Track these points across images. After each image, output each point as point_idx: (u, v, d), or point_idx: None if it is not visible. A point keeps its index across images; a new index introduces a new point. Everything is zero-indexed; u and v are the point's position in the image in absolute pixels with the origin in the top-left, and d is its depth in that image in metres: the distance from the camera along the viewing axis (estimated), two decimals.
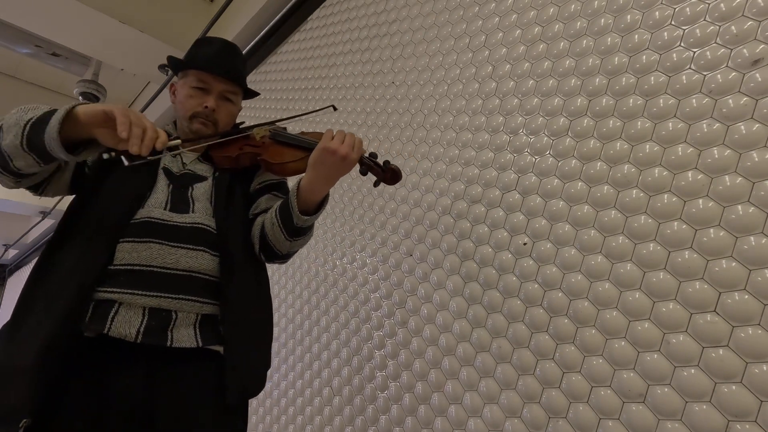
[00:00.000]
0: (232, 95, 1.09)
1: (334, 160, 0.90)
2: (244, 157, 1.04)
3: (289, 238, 0.97)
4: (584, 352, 0.95)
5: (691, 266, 0.85)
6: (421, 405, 1.21)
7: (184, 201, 0.96)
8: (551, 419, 0.96)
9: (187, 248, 0.91)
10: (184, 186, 0.99)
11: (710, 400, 0.78)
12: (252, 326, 0.96)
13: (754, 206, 0.81)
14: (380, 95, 1.72)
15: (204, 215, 0.96)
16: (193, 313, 0.89)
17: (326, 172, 0.92)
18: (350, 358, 1.47)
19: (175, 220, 0.92)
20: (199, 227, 0.94)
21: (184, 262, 0.89)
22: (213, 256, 0.93)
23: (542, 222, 1.10)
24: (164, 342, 0.84)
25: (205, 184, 1.02)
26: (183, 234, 0.91)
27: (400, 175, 1.02)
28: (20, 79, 3.67)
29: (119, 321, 0.82)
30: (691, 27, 0.98)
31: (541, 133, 1.18)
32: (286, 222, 0.95)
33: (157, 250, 0.88)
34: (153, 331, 0.83)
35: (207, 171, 1.05)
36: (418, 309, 1.31)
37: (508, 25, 1.35)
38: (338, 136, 0.92)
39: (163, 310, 0.86)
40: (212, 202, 0.99)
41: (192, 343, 0.87)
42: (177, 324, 0.86)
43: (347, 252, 1.63)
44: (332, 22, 2.13)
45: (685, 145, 0.92)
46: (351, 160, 0.91)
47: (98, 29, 2.54)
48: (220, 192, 1.01)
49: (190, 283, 0.89)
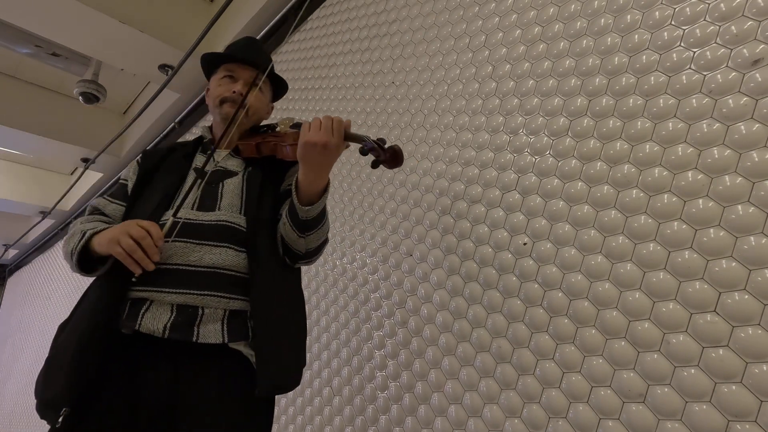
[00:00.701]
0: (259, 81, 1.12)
1: (316, 150, 0.90)
2: (265, 145, 1.07)
3: (300, 234, 0.98)
4: (584, 352, 0.95)
5: (691, 266, 0.85)
6: (421, 405, 1.21)
7: (212, 197, 1.00)
8: (551, 419, 0.96)
9: (210, 245, 0.94)
10: (215, 182, 1.03)
11: (710, 400, 0.78)
12: (282, 321, 0.96)
13: (754, 206, 0.81)
14: (380, 95, 1.72)
15: (230, 212, 0.99)
16: (220, 309, 0.91)
17: (314, 163, 0.92)
18: (350, 358, 1.47)
19: (201, 219, 0.96)
20: (223, 224, 0.97)
21: (208, 258, 0.93)
22: (238, 252, 0.96)
23: (542, 222, 1.10)
24: (190, 337, 0.87)
25: (236, 179, 1.05)
26: (207, 231, 0.95)
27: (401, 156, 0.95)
28: (20, 79, 3.67)
29: (149, 317, 0.87)
30: (691, 27, 0.98)
31: (541, 133, 1.18)
32: (294, 219, 0.97)
33: (181, 248, 0.92)
34: (179, 327, 0.87)
35: (238, 166, 1.08)
36: (418, 309, 1.31)
37: (508, 25, 1.35)
38: (314, 125, 0.91)
39: (189, 306, 0.89)
40: (242, 198, 1.02)
41: (218, 339, 0.88)
42: (204, 320, 0.89)
43: (347, 252, 1.63)
44: (332, 22, 2.13)
45: (685, 145, 0.92)
46: (333, 145, 0.90)
47: (98, 29, 2.53)
48: (252, 188, 1.04)
49: (215, 279, 0.92)
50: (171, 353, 0.89)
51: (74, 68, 3.24)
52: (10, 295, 6.91)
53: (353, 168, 1.73)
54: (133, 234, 0.87)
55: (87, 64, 3.23)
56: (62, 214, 5.04)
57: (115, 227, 0.91)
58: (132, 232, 0.87)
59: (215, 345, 0.89)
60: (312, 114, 2.07)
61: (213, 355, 0.90)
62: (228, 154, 1.10)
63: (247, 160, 1.09)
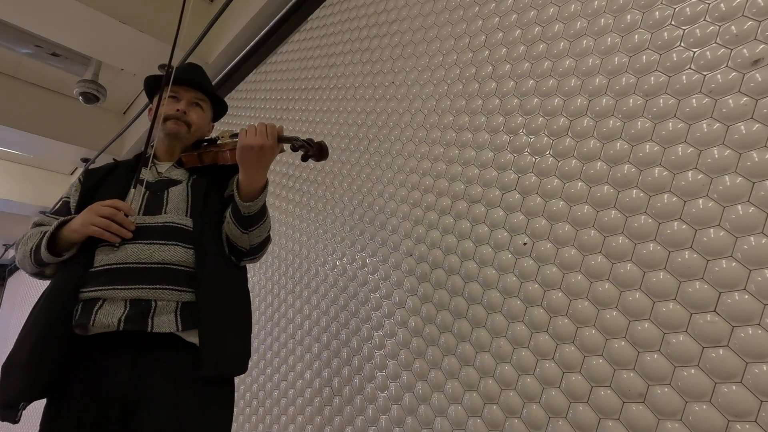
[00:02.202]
0: (201, 102, 1.24)
1: (254, 152, 1.00)
2: (206, 155, 1.17)
3: (243, 230, 1.05)
4: (584, 352, 0.95)
5: (691, 266, 0.85)
6: (421, 405, 1.21)
7: (157, 204, 1.07)
8: (551, 419, 0.96)
9: (159, 243, 0.99)
10: (160, 190, 1.09)
11: (710, 400, 0.78)
12: (226, 312, 1.01)
13: (754, 206, 0.81)
14: (380, 95, 1.72)
15: (176, 215, 1.06)
16: (173, 301, 0.96)
17: (252, 164, 1.02)
18: (350, 358, 1.47)
19: (148, 222, 1.02)
20: (171, 225, 1.03)
21: (158, 255, 0.98)
22: (186, 249, 1.02)
23: (542, 222, 1.10)
24: (145, 327, 0.91)
25: (179, 187, 1.12)
26: (155, 232, 1.01)
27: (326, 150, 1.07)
28: (20, 79, 3.67)
29: (102, 314, 0.91)
30: (691, 27, 0.98)
31: (541, 133, 1.18)
32: (236, 215, 1.04)
33: (131, 249, 0.98)
34: (133, 318, 0.91)
35: (182, 175, 1.15)
36: (418, 309, 1.31)
37: (508, 25, 1.35)
38: (250, 130, 1.02)
39: (142, 300, 0.94)
40: (188, 203, 1.09)
41: (171, 328, 0.93)
42: (157, 311, 0.94)
43: (347, 252, 1.63)
44: (332, 22, 2.13)
45: (685, 145, 0.92)
46: (268, 146, 1.01)
47: (98, 29, 2.53)
48: (197, 194, 1.11)
49: (166, 274, 0.97)
50: (128, 348, 0.93)
51: (74, 68, 3.25)
52: (10, 295, 6.91)
53: (353, 168, 1.73)
54: (104, 213, 0.96)
55: (87, 64, 3.23)
56: None
57: (81, 214, 0.98)
58: (102, 212, 0.96)
59: (170, 338, 0.94)
60: (312, 114, 2.07)
61: (169, 348, 0.94)
62: (171, 166, 1.17)
63: (191, 169, 1.17)
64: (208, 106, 1.27)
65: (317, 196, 1.86)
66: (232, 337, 0.99)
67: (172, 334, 0.94)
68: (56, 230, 0.99)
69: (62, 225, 1.00)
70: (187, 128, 1.19)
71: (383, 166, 1.61)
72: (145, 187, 1.09)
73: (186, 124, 1.18)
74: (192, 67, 1.28)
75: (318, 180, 1.89)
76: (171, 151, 1.19)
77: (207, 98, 1.27)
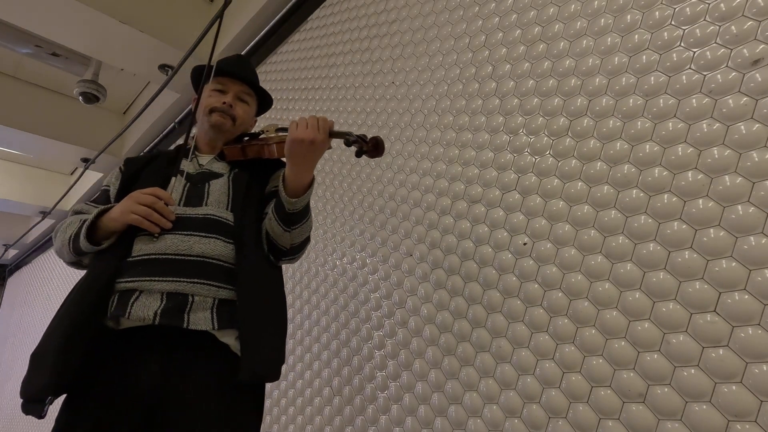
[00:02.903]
0: (246, 96, 1.22)
1: (304, 146, 0.95)
2: (250, 148, 1.14)
3: (285, 228, 1.01)
4: (584, 352, 0.95)
5: (691, 266, 0.85)
6: (421, 405, 1.21)
7: (198, 196, 1.04)
8: (551, 419, 0.96)
9: (199, 236, 0.97)
10: (200, 182, 1.07)
11: (710, 400, 0.78)
12: (266, 313, 0.98)
13: (754, 206, 0.81)
14: (380, 95, 1.72)
15: (217, 208, 1.03)
16: (209, 297, 0.93)
17: (301, 158, 0.97)
18: (350, 358, 1.47)
19: (188, 213, 1.00)
20: (211, 218, 1.00)
21: (197, 248, 0.95)
22: (226, 243, 0.99)
23: (542, 222, 1.10)
24: (180, 323, 0.88)
25: (221, 180, 1.09)
26: (195, 224, 0.98)
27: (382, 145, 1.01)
28: (20, 79, 3.67)
29: (138, 306, 0.88)
30: (691, 27, 0.98)
31: (541, 133, 1.18)
32: (280, 212, 1.00)
33: (170, 239, 0.95)
34: (170, 312, 0.88)
35: (223, 168, 1.13)
36: (418, 309, 1.31)
37: (508, 25, 1.35)
38: (301, 123, 0.97)
39: (179, 293, 0.91)
40: (229, 197, 1.06)
41: (208, 326, 0.90)
42: (194, 307, 0.90)
43: (347, 252, 1.63)
44: (332, 22, 2.13)
45: (685, 145, 0.92)
46: (319, 141, 0.96)
47: (98, 29, 2.53)
48: (238, 188, 1.08)
49: (204, 268, 0.94)
50: (162, 344, 0.90)
51: (74, 68, 3.24)
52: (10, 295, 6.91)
53: (353, 168, 1.73)
54: (144, 201, 0.94)
55: (87, 64, 3.23)
56: (62, 214, 5.04)
57: (120, 203, 0.96)
58: (142, 200, 0.94)
59: (205, 337, 0.91)
60: (312, 114, 2.06)
61: (203, 348, 0.91)
62: (213, 158, 1.15)
63: (233, 163, 1.15)
64: (253, 100, 1.25)
65: (317, 196, 1.86)
66: (270, 340, 0.96)
67: (206, 332, 0.91)
68: (95, 219, 0.96)
69: (102, 214, 0.97)
70: (232, 122, 1.16)
71: (383, 166, 1.61)
72: (186, 178, 1.06)
73: (231, 117, 1.16)
74: (240, 60, 1.25)
75: (318, 180, 1.89)
76: (213, 144, 1.17)
77: (253, 92, 1.24)
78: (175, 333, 0.89)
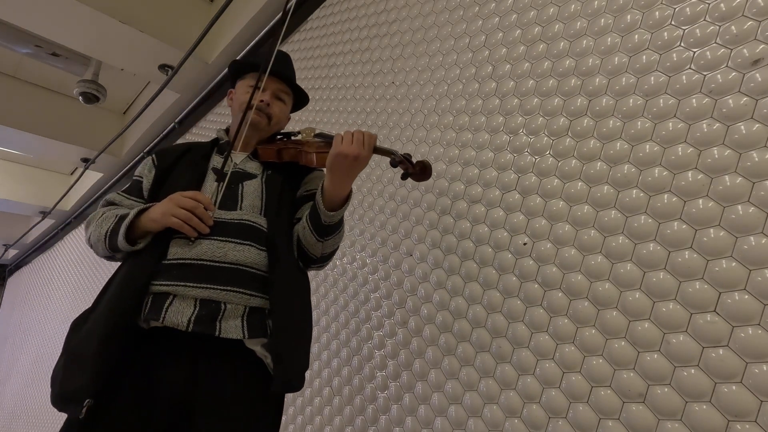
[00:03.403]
0: (284, 95, 1.19)
1: (347, 161, 0.95)
2: (286, 151, 1.11)
3: (319, 238, 1.01)
4: (584, 352, 0.95)
5: (691, 266, 0.85)
6: (421, 405, 1.21)
7: (232, 198, 1.03)
8: (551, 419, 0.96)
9: (234, 242, 0.96)
10: (234, 183, 1.05)
11: (710, 400, 0.78)
12: (297, 322, 0.98)
13: (754, 206, 0.81)
14: (380, 95, 1.72)
15: (251, 212, 1.02)
16: (241, 305, 0.93)
17: (343, 173, 0.96)
18: (350, 358, 1.47)
19: (223, 217, 0.99)
20: (246, 223, 1.00)
21: (232, 255, 0.95)
22: (260, 250, 0.98)
23: (542, 222, 1.10)
24: (213, 331, 0.88)
25: (254, 181, 1.07)
26: (230, 229, 0.97)
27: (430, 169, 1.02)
28: (20, 79, 3.67)
29: (173, 311, 0.88)
30: (691, 27, 0.98)
31: (541, 133, 1.18)
32: (315, 223, 1.00)
33: (206, 245, 0.94)
34: (202, 321, 0.88)
35: (257, 169, 1.11)
36: (418, 309, 1.31)
37: (508, 25, 1.35)
38: (346, 137, 0.96)
39: (212, 301, 0.91)
40: (263, 200, 1.05)
41: (238, 334, 0.90)
42: (225, 315, 0.91)
43: (347, 252, 1.63)
44: (332, 22, 2.13)
45: (685, 145, 0.92)
46: (363, 157, 0.95)
47: (98, 29, 2.53)
48: (272, 192, 1.07)
49: (237, 275, 0.94)
50: (190, 349, 0.90)
51: (74, 68, 3.24)
52: (10, 295, 6.92)
53: None
54: (185, 204, 0.93)
55: (87, 64, 3.23)
56: (62, 214, 5.04)
57: (161, 203, 0.96)
58: (183, 203, 0.93)
59: (233, 343, 0.91)
60: (312, 114, 2.07)
61: (230, 354, 0.91)
62: (246, 157, 1.13)
63: (265, 164, 1.13)
64: (290, 99, 1.23)
65: None
66: (301, 349, 0.96)
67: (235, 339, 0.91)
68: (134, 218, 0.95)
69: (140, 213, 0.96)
70: (268, 121, 1.15)
71: (383, 166, 1.61)
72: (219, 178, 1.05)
73: (267, 116, 1.14)
74: (281, 56, 1.21)
75: None
76: (247, 141, 1.14)
77: (290, 91, 1.22)
78: (204, 339, 0.90)
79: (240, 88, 1.19)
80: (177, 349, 0.90)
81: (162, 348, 0.90)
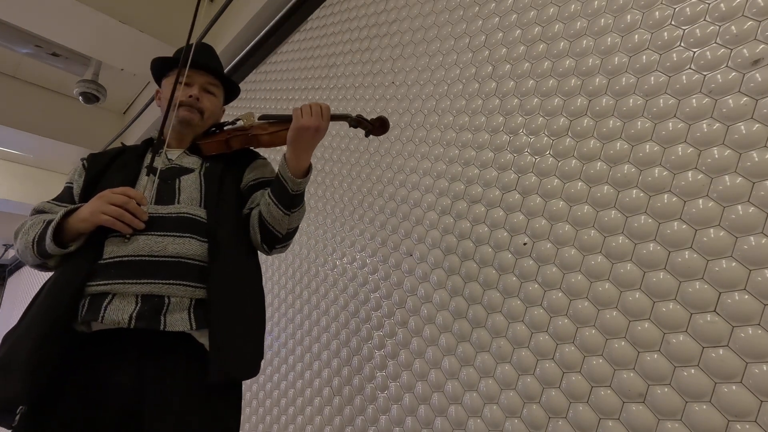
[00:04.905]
0: (213, 87, 1.18)
1: (309, 133, 0.99)
2: (235, 140, 1.12)
3: (286, 211, 1.01)
4: (584, 352, 0.95)
5: (691, 266, 0.85)
6: (421, 405, 1.21)
7: (169, 193, 1.01)
8: (551, 419, 0.96)
9: (173, 236, 0.94)
10: (171, 178, 1.03)
11: (710, 400, 0.78)
12: (240, 311, 0.95)
13: (754, 206, 0.81)
14: (380, 95, 1.72)
15: (190, 205, 1.00)
16: (186, 298, 0.90)
17: (305, 144, 1.00)
18: (350, 358, 1.47)
19: (160, 212, 0.96)
20: (185, 216, 0.97)
21: (172, 248, 0.92)
22: (201, 242, 0.96)
23: (542, 222, 1.10)
24: (157, 326, 0.86)
25: (192, 175, 1.06)
26: (168, 223, 0.95)
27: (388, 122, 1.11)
28: (20, 79, 3.67)
29: (112, 309, 0.85)
30: (691, 27, 0.98)
31: (541, 133, 1.18)
32: (281, 195, 1.00)
33: (143, 240, 0.92)
34: (146, 316, 0.86)
35: (194, 163, 1.10)
36: (418, 309, 1.31)
37: (508, 25, 1.35)
38: (305, 110, 1.00)
39: (155, 296, 0.88)
40: (201, 192, 1.03)
41: (185, 327, 0.88)
42: (170, 309, 0.88)
43: (347, 252, 1.63)
44: (332, 22, 2.13)
45: (685, 145, 0.92)
46: (323, 128, 1.00)
47: (98, 29, 2.53)
48: (211, 183, 1.06)
49: (180, 268, 0.91)
50: (135, 348, 0.87)
51: (74, 68, 3.24)
52: (10, 295, 6.92)
53: (353, 168, 1.73)
54: (115, 201, 0.90)
55: (87, 64, 3.23)
56: None
57: (90, 201, 0.92)
58: (113, 200, 0.90)
59: (181, 338, 0.88)
60: None
61: (178, 350, 0.89)
62: (182, 153, 1.11)
63: (205, 157, 1.12)
64: (220, 91, 1.21)
65: (317, 196, 1.86)
66: (243, 338, 0.93)
67: (183, 333, 0.88)
68: (62, 220, 0.91)
69: (68, 214, 0.92)
70: (200, 116, 1.13)
71: (383, 166, 1.61)
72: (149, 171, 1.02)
73: (199, 111, 1.13)
74: (204, 49, 1.20)
75: (318, 180, 1.89)
76: (181, 138, 1.13)
77: (220, 82, 1.21)
78: (150, 335, 0.87)
79: (166, 88, 1.16)
80: (123, 349, 0.87)
81: (106, 350, 0.87)
